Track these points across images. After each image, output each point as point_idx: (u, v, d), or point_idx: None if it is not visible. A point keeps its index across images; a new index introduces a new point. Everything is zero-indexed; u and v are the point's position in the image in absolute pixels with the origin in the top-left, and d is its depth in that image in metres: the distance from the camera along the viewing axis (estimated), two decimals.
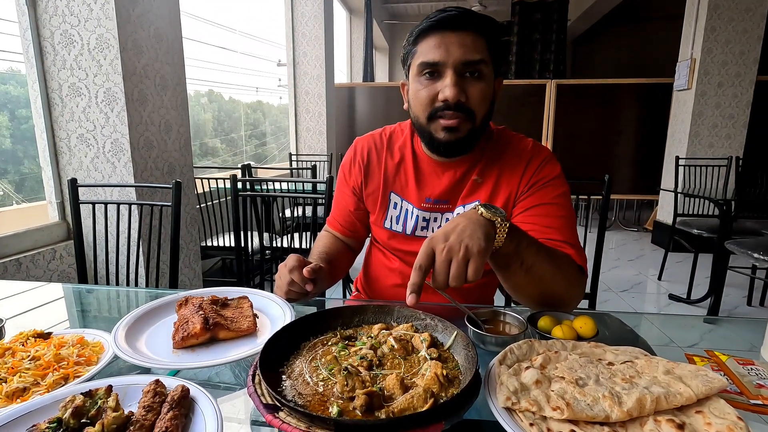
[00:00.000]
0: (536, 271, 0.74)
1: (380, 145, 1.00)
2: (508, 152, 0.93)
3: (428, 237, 0.65)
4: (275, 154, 5.19)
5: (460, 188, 0.94)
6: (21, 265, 1.67)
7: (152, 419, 0.46)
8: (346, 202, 1.05)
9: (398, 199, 0.98)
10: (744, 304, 2.95)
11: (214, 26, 4.06)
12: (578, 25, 6.97)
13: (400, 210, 0.97)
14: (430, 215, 0.96)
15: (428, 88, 0.83)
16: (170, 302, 0.83)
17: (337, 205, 1.08)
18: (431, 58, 0.81)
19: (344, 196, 1.05)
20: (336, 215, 1.08)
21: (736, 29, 3.83)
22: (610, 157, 5.14)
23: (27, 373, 0.60)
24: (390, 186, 0.99)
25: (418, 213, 0.96)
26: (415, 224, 0.96)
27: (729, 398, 0.57)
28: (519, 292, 0.80)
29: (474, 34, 0.80)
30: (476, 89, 0.82)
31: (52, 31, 1.77)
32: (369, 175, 1.00)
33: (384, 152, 0.99)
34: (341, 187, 1.06)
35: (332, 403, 0.48)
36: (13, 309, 0.90)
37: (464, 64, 0.80)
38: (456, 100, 0.80)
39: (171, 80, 2.07)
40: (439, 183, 0.94)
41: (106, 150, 1.86)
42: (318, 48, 4.59)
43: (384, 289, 1.07)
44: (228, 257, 2.77)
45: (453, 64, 0.80)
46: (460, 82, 0.80)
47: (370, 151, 1.00)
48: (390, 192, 0.98)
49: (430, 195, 0.95)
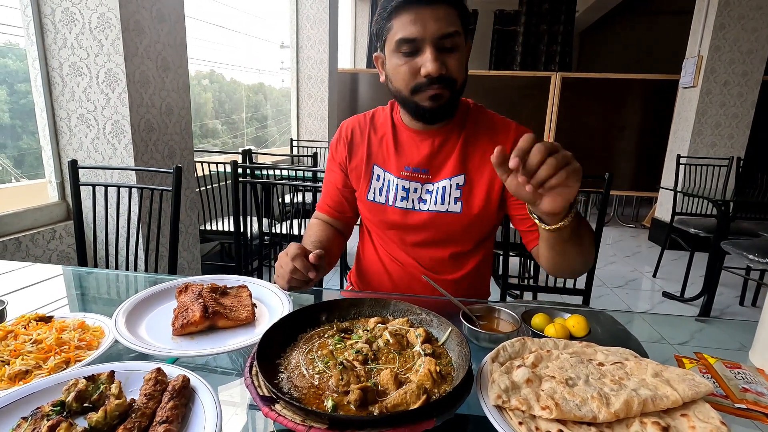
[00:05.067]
0: (579, 245, 0.79)
1: (363, 124, 1.05)
2: (491, 126, 0.98)
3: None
4: (276, 137, 5.16)
5: (439, 158, 0.97)
6: (21, 244, 1.67)
7: (153, 407, 0.48)
8: (334, 179, 1.08)
9: (380, 171, 1.01)
10: (736, 304, 2.98)
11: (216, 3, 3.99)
12: (586, 16, 6.87)
13: (383, 182, 1.01)
14: (410, 184, 0.98)
15: (408, 64, 0.85)
16: (170, 288, 0.85)
17: (326, 187, 1.11)
18: (409, 34, 0.82)
19: (332, 173, 1.09)
20: (325, 197, 1.11)
21: (745, 27, 3.79)
22: (612, 152, 5.12)
23: (29, 356, 0.61)
24: (373, 159, 1.02)
25: (397, 182, 0.98)
26: (395, 194, 0.99)
27: (714, 402, 0.58)
28: (563, 264, 0.85)
29: (446, 6, 0.83)
30: (454, 59, 0.85)
31: (53, 8, 1.75)
32: (353, 150, 1.04)
33: (367, 129, 1.04)
34: (330, 166, 1.10)
35: (327, 397, 0.50)
36: (13, 289, 0.91)
37: (441, 38, 0.82)
38: (438, 74, 0.83)
39: (173, 62, 2.05)
40: (418, 152, 0.98)
41: (107, 131, 1.85)
42: (322, 32, 4.52)
43: (375, 281, 1.09)
44: (227, 242, 2.78)
45: (431, 38, 0.82)
46: (439, 56, 0.83)
47: (354, 129, 1.05)
48: (373, 164, 1.02)
49: (409, 163, 0.98)
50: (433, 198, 0.97)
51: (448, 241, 1.00)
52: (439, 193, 0.96)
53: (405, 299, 0.74)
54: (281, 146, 5.03)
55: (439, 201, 0.96)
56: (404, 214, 0.98)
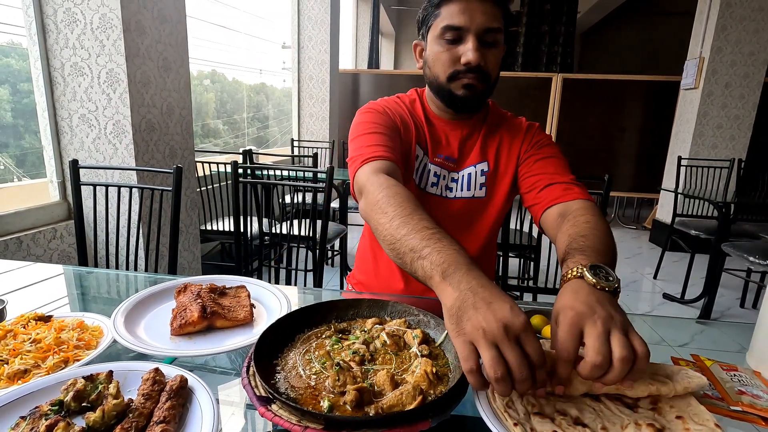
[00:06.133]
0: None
1: (400, 104, 1.03)
2: (506, 122, 1.04)
3: (561, 319, 0.51)
4: (277, 137, 5.17)
5: (466, 149, 1.01)
6: (22, 243, 1.68)
7: (151, 407, 0.48)
8: (390, 123, 0.94)
9: (420, 153, 1.00)
10: (737, 306, 2.98)
11: (217, 3, 4.00)
12: (588, 17, 6.87)
13: (419, 163, 1.00)
14: (441, 171, 1.00)
15: (450, 51, 0.88)
16: (169, 288, 0.85)
17: (376, 133, 0.90)
18: (456, 23, 0.85)
19: (384, 122, 0.94)
20: (379, 142, 0.88)
21: (747, 29, 3.78)
22: (613, 153, 5.12)
23: (28, 356, 0.61)
24: (416, 138, 1.00)
25: (431, 167, 1.00)
26: (428, 179, 1.00)
27: (710, 404, 0.58)
28: None
29: (493, 3, 0.86)
30: (493, 55, 0.88)
31: (55, 8, 1.75)
32: (403, 121, 0.99)
33: (406, 108, 1.02)
34: (375, 119, 0.93)
35: (323, 397, 0.50)
36: (13, 288, 0.92)
37: (486, 31, 0.85)
38: (477, 64, 0.86)
39: (174, 62, 2.05)
40: (447, 141, 1.01)
41: (108, 131, 1.86)
42: (323, 32, 4.53)
43: (377, 281, 1.09)
44: (227, 241, 2.78)
45: (476, 30, 0.85)
46: (480, 47, 0.86)
47: (392, 105, 1.01)
48: (416, 143, 1.00)
49: (441, 151, 1.01)
50: (460, 185, 1.00)
51: (467, 230, 1.02)
52: (465, 180, 0.99)
53: (403, 300, 0.74)
54: (282, 146, 5.04)
55: (465, 188, 0.99)
56: (438, 201, 0.99)
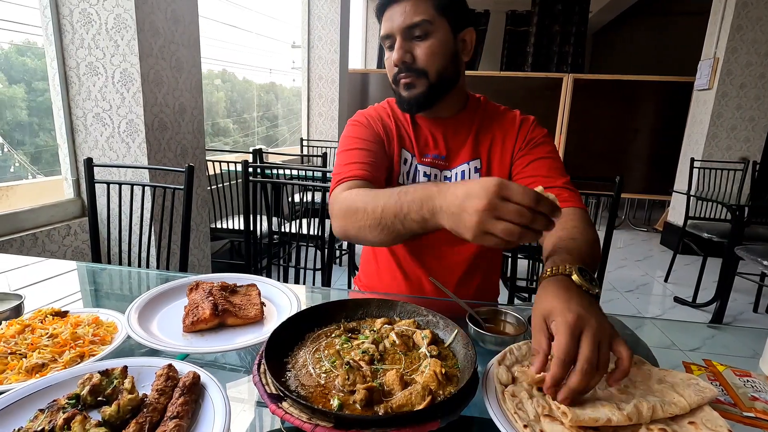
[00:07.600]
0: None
1: (383, 109, 1.05)
2: (499, 117, 1.02)
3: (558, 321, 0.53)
4: (286, 137, 5.19)
5: (455, 145, 1.00)
6: (37, 239, 1.71)
7: (164, 402, 0.49)
8: (371, 137, 0.97)
9: (408, 155, 1.01)
10: (750, 311, 2.93)
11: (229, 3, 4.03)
12: (600, 17, 6.79)
13: (409, 166, 1.01)
14: (431, 170, 0.99)
15: (389, 58, 0.93)
16: (181, 286, 0.86)
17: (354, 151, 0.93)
18: (384, 32, 0.91)
19: (366, 136, 0.97)
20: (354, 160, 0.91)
21: (763, 29, 3.71)
22: (625, 154, 5.06)
23: (45, 350, 0.63)
24: (401, 141, 1.01)
25: (420, 168, 0.99)
26: (418, 180, 0.99)
27: (722, 410, 0.58)
28: None
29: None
30: (422, 48, 0.89)
31: (71, 9, 1.78)
32: (385, 128, 1.01)
33: (389, 113, 1.04)
34: (358, 133, 0.97)
35: (333, 396, 0.50)
36: (29, 282, 0.94)
37: (407, 29, 0.87)
38: (400, 62, 0.89)
39: (186, 62, 2.07)
40: (434, 139, 1.01)
41: (121, 130, 1.89)
42: (333, 32, 4.54)
43: (383, 282, 1.09)
44: (237, 240, 2.81)
45: (399, 31, 0.88)
46: (405, 45, 0.89)
47: (376, 112, 1.03)
48: (402, 147, 1.01)
49: (428, 151, 1.01)
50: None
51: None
52: (458, 178, 0.99)
53: (412, 300, 0.74)
54: (291, 145, 5.06)
55: None
56: None
